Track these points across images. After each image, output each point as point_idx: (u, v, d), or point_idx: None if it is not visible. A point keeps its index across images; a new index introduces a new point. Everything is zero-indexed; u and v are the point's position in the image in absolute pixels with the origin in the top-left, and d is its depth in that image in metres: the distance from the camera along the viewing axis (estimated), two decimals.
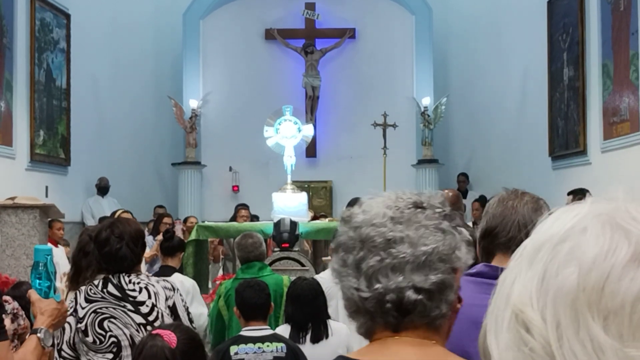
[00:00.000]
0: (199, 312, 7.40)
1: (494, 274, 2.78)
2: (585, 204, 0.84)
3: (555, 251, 0.80)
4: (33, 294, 3.73)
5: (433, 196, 1.86)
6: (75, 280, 5.21)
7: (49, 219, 10.25)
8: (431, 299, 1.71)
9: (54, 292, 3.79)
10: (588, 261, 0.77)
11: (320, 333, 5.66)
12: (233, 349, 5.35)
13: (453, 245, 1.75)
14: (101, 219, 10.99)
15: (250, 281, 6.05)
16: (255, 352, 5.33)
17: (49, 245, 4.10)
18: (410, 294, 1.70)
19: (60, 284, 9.75)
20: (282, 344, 5.31)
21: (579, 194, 9.57)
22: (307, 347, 5.51)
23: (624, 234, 0.77)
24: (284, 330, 5.71)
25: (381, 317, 1.72)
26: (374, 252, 1.71)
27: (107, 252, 4.59)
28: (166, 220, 12.48)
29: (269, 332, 5.47)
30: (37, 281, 3.75)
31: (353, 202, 8.76)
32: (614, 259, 0.76)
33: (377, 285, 1.70)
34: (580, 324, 0.75)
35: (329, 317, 5.87)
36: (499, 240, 2.86)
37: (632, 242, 0.76)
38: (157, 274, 7.58)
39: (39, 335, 3.60)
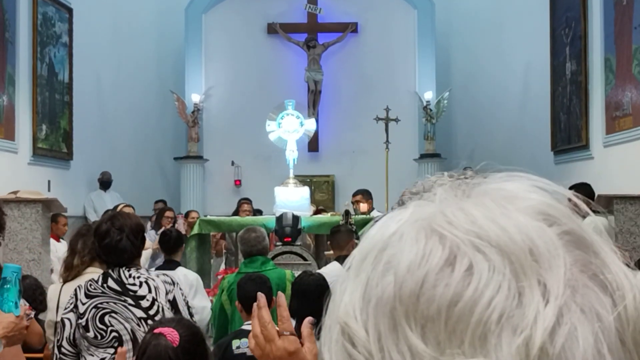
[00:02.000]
0: (202, 306, 7.43)
1: None
2: (408, 209, 0.83)
3: (377, 260, 0.79)
4: None
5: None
6: (70, 263, 5.23)
7: (53, 214, 10.25)
8: None
9: (15, 307, 3.87)
10: (403, 269, 0.76)
11: None
12: (235, 343, 5.36)
13: None
14: (105, 213, 11.00)
15: (251, 275, 6.06)
16: None
17: (18, 265, 4.13)
18: None
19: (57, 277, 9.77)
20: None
21: (580, 189, 9.57)
22: None
23: (438, 239, 0.76)
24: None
25: None
26: None
27: (107, 244, 4.60)
28: (168, 214, 12.50)
29: None
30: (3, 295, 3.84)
31: (363, 192, 8.67)
32: (428, 265, 0.75)
33: None
34: (399, 335, 0.74)
35: None
36: None
37: (446, 247, 0.75)
38: (161, 268, 7.62)
39: None
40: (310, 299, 5.71)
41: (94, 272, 5.07)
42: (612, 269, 0.77)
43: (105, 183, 15.66)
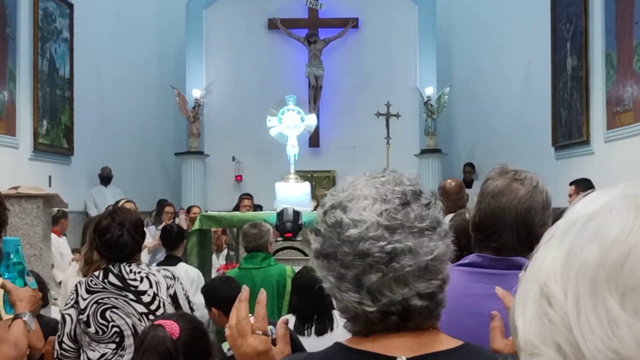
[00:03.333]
0: (203, 302, 7.42)
1: (487, 264, 2.77)
2: (617, 187, 0.86)
3: (583, 230, 0.83)
4: (7, 283, 3.82)
5: (405, 179, 1.81)
6: (90, 257, 5.26)
7: (61, 211, 10.24)
8: (433, 298, 1.69)
9: (23, 281, 3.90)
10: (610, 239, 0.79)
11: (325, 325, 5.58)
12: (225, 346, 5.35)
13: (447, 242, 1.73)
14: (107, 209, 11.01)
15: (221, 277, 6.06)
16: None
17: (16, 237, 4.16)
18: (416, 302, 1.67)
19: (62, 271, 9.78)
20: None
21: (581, 184, 9.56)
22: (312, 339, 5.44)
23: None
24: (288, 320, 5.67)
25: (383, 324, 1.69)
26: (375, 268, 1.66)
27: (108, 239, 4.61)
28: (168, 209, 12.50)
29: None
30: (7, 273, 3.86)
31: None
32: (635, 238, 0.78)
33: (382, 299, 1.66)
34: (599, 299, 0.77)
35: (333, 308, 5.82)
36: (490, 242, 2.79)
37: None
38: (162, 264, 7.62)
39: (24, 319, 3.72)
40: (311, 295, 5.68)
41: None
42: None
43: (105, 178, 15.65)
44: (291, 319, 5.63)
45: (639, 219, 0.80)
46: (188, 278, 7.48)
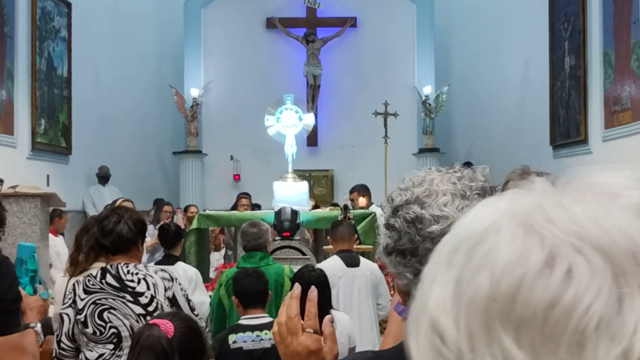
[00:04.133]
0: (201, 301, 7.41)
1: None
2: (505, 198, 0.80)
3: (471, 254, 0.76)
4: (21, 291, 3.83)
5: (479, 175, 1.79)
6: (75, 258, 5.25)
7: (57, 209, 10.24)
8: None
9: (33, 288, 3.91)
10: (500, 268, 0.73)
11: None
12: (231, 338, 5.36)
13: None
14: (106, 207, 11.00)
15: (248, 269, 6.05)
16: (253, 340, 5.33)
17: (33, 243, 4.18)
18: None
19: (59, 271, 9.76)
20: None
21: (362, 190, 9.54)
22: None
23: (537, 238, 0.73)
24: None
25: None
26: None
27: (104, 226, 4.64)
28: (166, 208, 12.50)
29: (268, 320, 5.46)
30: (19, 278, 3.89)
31: (359, 189, 8.60)
32: (526, 266, 0.72)
33: None
34: (493, 336, 0.72)
35: (332, 307, 5.83)
36: None
37: (546, 247, 0.72)
38: (160, 263, 7.61)
39: (36, 329, 3.72)
40: None
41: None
42: None
43: (103, 177, 15.64)
44: None
45: (528, 243, 0.73)
46: (186, 277, 7.46)
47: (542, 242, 0.73)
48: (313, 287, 2.10)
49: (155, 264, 7.78)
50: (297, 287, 2.09)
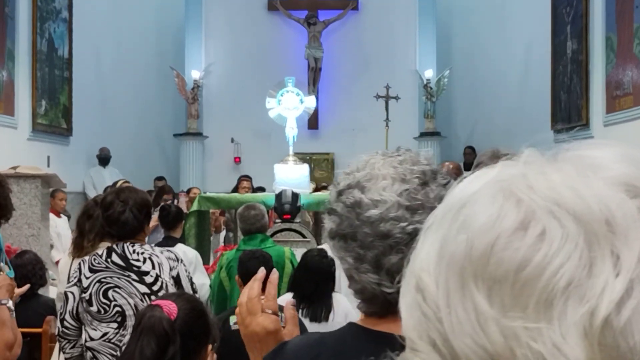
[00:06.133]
0: (201, 283, 7.42)
1: None
2: (495, 169, 0.82)
3: (455, 217, 0.79)
4: None
5: (422, 158, 1.78)
6: (80, 244, 5.25)
7: (52, 189, 10.24)
8: None
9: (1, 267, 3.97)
10: (475, 229, 0.76)
11: (320, 312, 5.55)
12: (232, 319, 5.36)
13: None
14: (106, 190, 10.99)
15: (255, 252, 6.05)
16: None
17: None
18: None
19: (59, 252, 9.78)
20: (282, 314, 5.30)
21: None
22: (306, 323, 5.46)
23: (515, 202, 0.76)
24: (285, 300, 5.67)
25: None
26: (396, 249, 1.64)
27: (109, 214, 4.64)
28: (166, 197, 12.45)
29: None
30: None
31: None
32: (500, 228, 0.74)
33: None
34: (466, 293, 0.75)
35: (331, 296, 5.80)
36: None
37: (522, 211, 0.75)
38: (160, 245, 7.61)
39: (8, 305, 3.80)
40: (314, 278, 5.66)
41: None
42: None
43: (103, 159, 15.65)
44: (288, 296, 5.63)
45: (505, 206, 0.76)
46: (186, 259, 7.43)
47: (518, 206, 0.75)
48: (274, 269, 2.13)
49: (155, 245, 7.79)
50: (261, 270, 2.09)
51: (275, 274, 2.10)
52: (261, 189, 13.43)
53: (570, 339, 0.70)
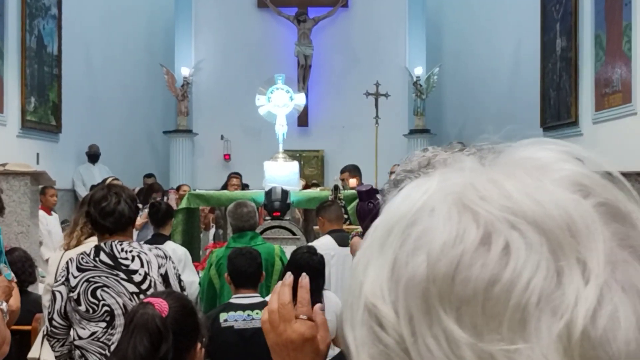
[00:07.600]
0: (190, 281, 7.42)
1: None
2: (434, 178, 0.77)
3: (405, 236, 0.74)
4: None
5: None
6: (72, 231, 5.27)
7: (42, 186, 10.22)
8: None
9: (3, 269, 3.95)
10: (436, 249, 0.71)
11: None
12: (222, 316, 5.37)
13: None
14: (92, 187, 10.97)
15: (242, 249, 6.05)
16: (244, 320, 5.35)
17: None
18: None
19: (49, 249, 9.76)
20: None
21: (353, 170, 9.57)
22: None
23: (472, 216, 0.72)
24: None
25: None
26: None
27: (104, 207, 4.62)
28: (155, 195, 12.43)
29: (259, 299, 5.48)
30: None
31: (350, 169, 8.54)
32: (463, 245, 0.71)
33: None
34: (433, 318, 0.70)
35: (322, 290, 5.80)
36: None
37: (481, 225, 0.71)
38: (149, 242, 7.60)
39: (1, 307, 3.78)
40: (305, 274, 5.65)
41: (94, 242, 5.06)
42: None
43: (92, 156, 15.63)
44: None
45: (463, 221, 0.72)
46: (175, 257, 7.44)
47: (476, 220, 0.72)
48: (304, 273, 2.05)
49: (144, 243, 7.78)
50: (290, 275, 2.04)
51: (305, 278, 2.02)
52: (246, 186, 13.45)
53: (552, 356, 0.67)
